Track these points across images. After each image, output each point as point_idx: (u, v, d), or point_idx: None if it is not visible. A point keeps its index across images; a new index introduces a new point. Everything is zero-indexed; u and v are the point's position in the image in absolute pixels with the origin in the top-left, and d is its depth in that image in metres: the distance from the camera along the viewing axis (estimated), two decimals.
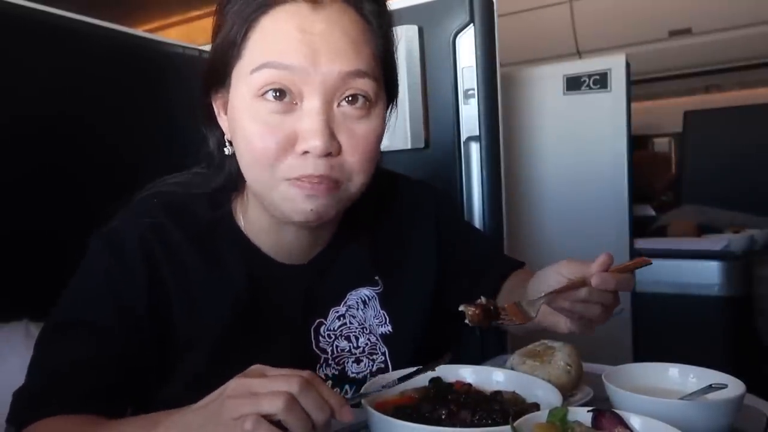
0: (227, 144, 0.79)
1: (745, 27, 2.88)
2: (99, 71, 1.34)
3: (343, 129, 0.72)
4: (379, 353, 0.87)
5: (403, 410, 0.64)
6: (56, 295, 0.78)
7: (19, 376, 0.75)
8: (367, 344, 0.86)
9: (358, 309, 0.87)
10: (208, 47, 1.65)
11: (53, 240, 1.16)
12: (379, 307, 0.88)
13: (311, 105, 0.70)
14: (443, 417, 0.64)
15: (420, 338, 0.90)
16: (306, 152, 0.70)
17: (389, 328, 0.88)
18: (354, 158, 0.73)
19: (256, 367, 0.58)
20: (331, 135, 0.70)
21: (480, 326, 0.69)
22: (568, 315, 0.73)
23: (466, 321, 0.69)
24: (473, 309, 0.69)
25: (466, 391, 0.71)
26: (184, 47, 1.60)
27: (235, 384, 0.55)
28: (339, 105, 0.72)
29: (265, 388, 0.54)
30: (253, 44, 0.72)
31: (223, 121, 0.79)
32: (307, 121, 0.69)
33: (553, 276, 0.72)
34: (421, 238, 0.93)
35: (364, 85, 0.72)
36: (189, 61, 1.59)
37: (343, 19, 0.72)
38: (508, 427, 0.54)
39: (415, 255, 0.92)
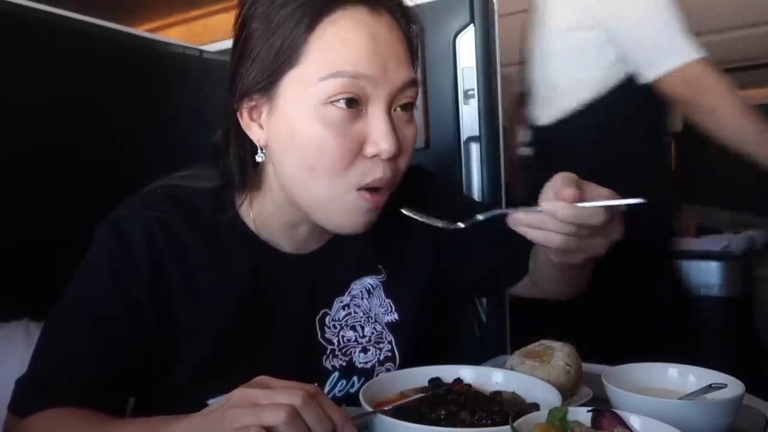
0: (260, 150, 0.78)
1: (745, 27, 2.88)
2: (99, 71, 1.34)
3: (398, 132, 0.75)
4: (386, 342, 0.87)
5: (403, 410, 0.65)
6: (56, 294, 0.78)
7: (20, 375, 0.75)
8: (373, 333, 0.87)
9: (362, 298, 0.88)
10: (208, 47, 1.67)
11: (54, 240, 1.16)
12: (384, 296, 0.89)
13: (378, 110, 0.72)
14: (443, 417, 0.64)
15: (425, 325, 0.91)
16: (375, 156, 0.73)
17: (395, 316, 0.89)
18: (404, 159, 0.77)
19: (260, 378, 0.58)
20: (397, 138, 0.73)
21: None
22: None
23: None
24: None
25: (466, 391, 0.71)
26: (184, 47, 1.60)
27: (238, 394, 0.55)
28: (395, 110, 0.75)
29: (267, 400, 0.53)
30: (317, 51, 0.71)
31: (253, 128, 0.78)
32: (377, 125, 0.72)
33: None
34: (420, 224, 0.93)
35: (415, 92, 0.77)
36: (189, 61, 1.59)
37: (395, 26, 0.75)
38: (508, 427, 0.55)
39: (415, 242, 0.94)
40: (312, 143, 0.72)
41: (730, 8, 2.83)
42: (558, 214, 0.64)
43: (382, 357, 0.87)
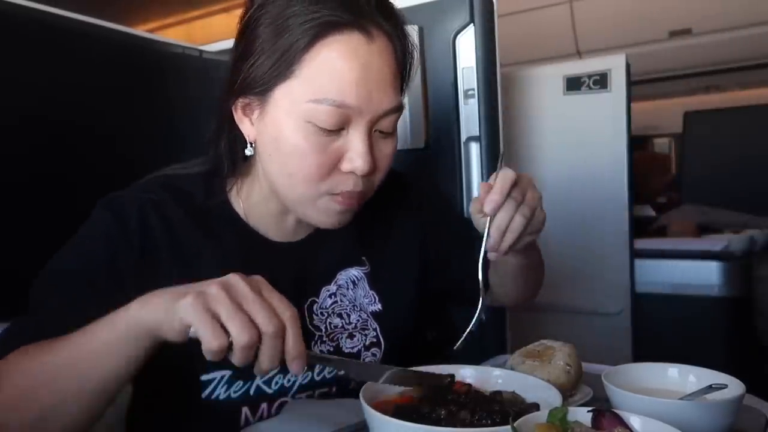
0: (249, 145, 0.82)
1: (745, 27, 2.88)
2: (99, 71, 1.34)
3: (375, 149, 0.79)
4: (371, 329, 0.90)
5: (403, 410, 0.64)
6: None
7: None
8: (358, 320, 0.90)
9: (348, 288, 0.91)
10: (208, 47, 1.67)
11: (53, 239, 1.16)
12: (368, 287, 0.93)
13: (358, 131, 0.76)
14: (443, 417, 0.64)
15: (410, 317, 0.95)
16: (350, 171, 0.77)
17: (379, 306, 0.92)
18: (379, 174, 0.81)
19: (256, 280, 0.63)
20: (373, 157, 0.78)
21: None
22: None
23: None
24: None
25: (466, 391, 0.71)
26: (184, 47, 1.60)
27: (216, 288, 0.60)
28: (375, 130, 0.78)
29: (235, 317, 0.58)
30: (309, 72, 0.74)
31: (245, 124, 0.82)
32: (355, 145, 0.76)
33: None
34: (404, 225, 0.99)
35: (397, 116, 0.80)
36: (189, 61, 1.59)
37: (388, 51, 0.77)
38: (508, 427, 0.54)
39: (398, 240, 0.98)
40: (293, 152, 0.76)
41: (730, 8, 2.83)
42: (496, 200, 0.74)
43: (367, 342, 0.89)
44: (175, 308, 0.59)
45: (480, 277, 0.77)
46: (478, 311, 0.77)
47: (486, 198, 0.74)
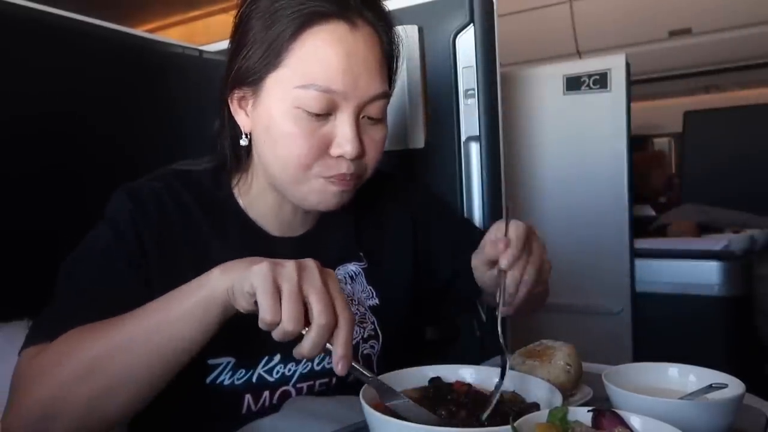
0: (244, 136, 0.86)
1: (745, 27, 2.88)
2: (99, 71, 1.34)
3: (364, 135, 0.82)
4: (369, 322, 0.92)
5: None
6: None
7: None
8: (357, 313, 0.91)
9: (346, 283, 0.93)
10: (208, 47, 1.67)
11: (55, 239, 1.16)
12: (365, 283, 0.95)
13: (345, 116, 0.79)
14: (443, 417, 0.64)
15: (406, 311, 0.98)
16: (340, 155, 0.80)
17: (376, 301, 0.95)
18: (371, 157, 0.84)
19: (329, 275, 0.65)
20: (360, 141, 0.80)
21: None
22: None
23: None
24: None
25: (466, 391, 0.71)
26: (184, 47, 1.60)
27: (290, 272, 0.62)
28: (362, 116, 0.81)
29: (292, 304, 0.60)
30: (296, 60, 0.77)
31: (240, 116, 0.85)
32: (342, 129, 0.79)
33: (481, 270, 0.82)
34: (398, 223, 1.02)
35: (385, 103, 0.83)
36: (189, 61, 1.59)
37: (373, 41, 0.81)
38: (508, 427, 0.54)
39: (393, 237, 1.00)
40: (284, 138, 0.79)
41: (730, 8, 2.83)
42: (519, 248, 0.74)
43: (365, 335, 0.91)
44: (249, 271, 0.63)
45: (500, 330, 0.77)
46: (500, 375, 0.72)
47: (504, 254, 0.74)
